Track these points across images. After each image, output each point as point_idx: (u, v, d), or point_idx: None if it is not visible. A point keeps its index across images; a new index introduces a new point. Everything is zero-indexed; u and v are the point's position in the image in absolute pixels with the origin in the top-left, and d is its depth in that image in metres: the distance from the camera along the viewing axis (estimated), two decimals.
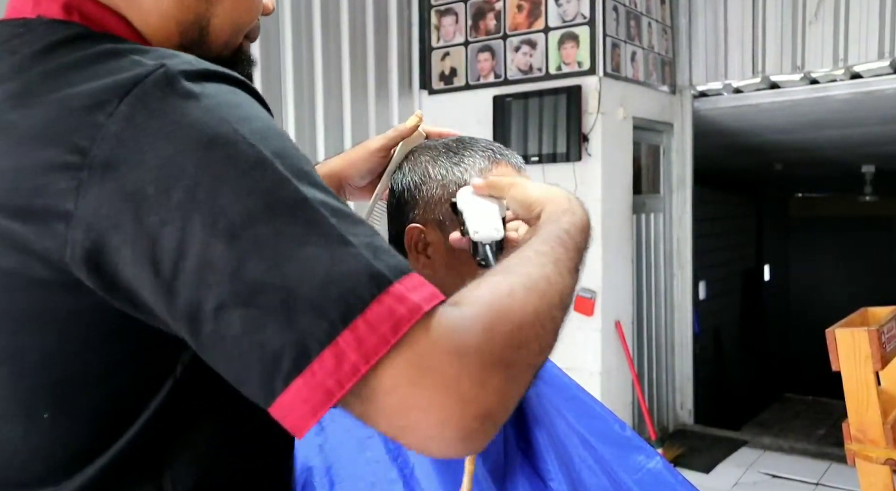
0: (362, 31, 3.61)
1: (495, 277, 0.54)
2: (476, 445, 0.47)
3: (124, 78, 0.49)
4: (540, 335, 0.52)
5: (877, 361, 1.50)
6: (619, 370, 3.64)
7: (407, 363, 0.45)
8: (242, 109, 0.50)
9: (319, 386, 0.44)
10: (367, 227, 0.50)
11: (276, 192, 0.47)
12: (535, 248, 0.61)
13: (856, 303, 2.01)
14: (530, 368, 0.51)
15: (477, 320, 0.48)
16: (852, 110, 4.16)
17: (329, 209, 0.48)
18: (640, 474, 0.91)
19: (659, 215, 4.24)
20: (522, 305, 0.51)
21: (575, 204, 0.71)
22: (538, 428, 0.86)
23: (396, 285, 0.46)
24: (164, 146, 0.47)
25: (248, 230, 0.46)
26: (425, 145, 0.91)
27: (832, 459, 3.67)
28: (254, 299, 0.45)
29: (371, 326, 0.45)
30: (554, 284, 0.56)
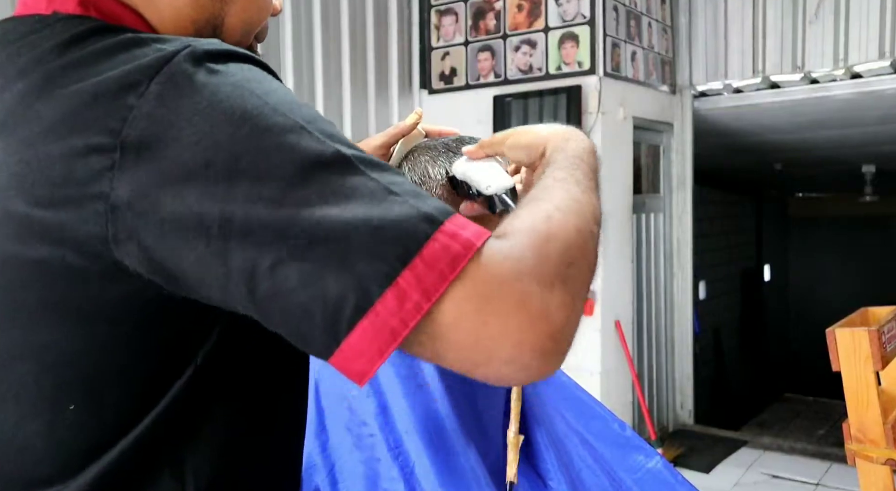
0: (362, 31, 3.61)
1: (529, 206, 0.54)
2: (553, 364, 0.49)
3: (152, 59, 0.49)
4: (585, 250, 0.53)
5: (877, 360, 1.50)
6: (619, 370, 3.64)
7: (469, 295, 0.46)
8: (267, 84, 0.51)
9: (384, 326, 0.45)
10: (408, 180, 0.51)
11: (315, 152, 0.48)
12: (553, 176, 0.61)
13: (856, 303, 2.01)
14: (585, 282, 0.52)
15: (526, 246, 0.48)
16: (852, 110, 4.16)
17: (368, 164, 0.49)
18: (639, 474, 0.91)
19: (659, 215, 4.25)
20: (564, 225, 0.52)
21: (575, 131, 0.71)
22: (538, 428, 0.86)
23: (447, 224, 0.47)
24: (198, 122, 0.47)
25: (293, 191, 0.46)
26: (425, 145, 0.91)
27: (832, 459, 3.67)
28: (309, 252, 0.45)
29: (429, 264, 0.45)
30: (583, 202, 0.57)
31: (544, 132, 0.72)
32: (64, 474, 0.53)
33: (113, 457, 0.53)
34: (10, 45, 0.55)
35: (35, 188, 0.49)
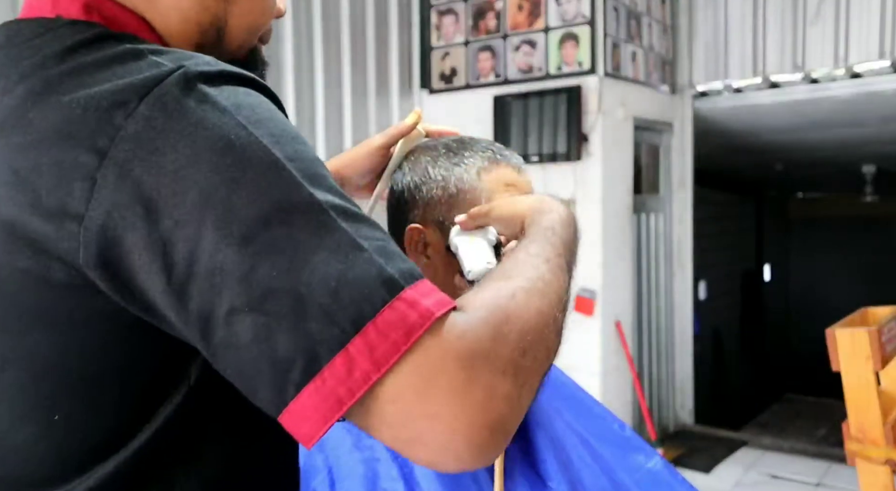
0: (362, 31, 3.62)
1: (495, 282, 0.53)
2: (488, 456, 0.46)
3: (144, 78, 0.49)
4: (545, 337, 0.51)
5: (877, 361, 1.50)
6: (619, 370, 3.64)
7: (415, 371, 0.44)
8: (259, 112, 0.50)
9: (330, 394, 0.44)
10: (380, 230, 0.50)
11: (290, 196, 0.47)
12: (525, 250, 0.60)
13: (856, 303, 2.01)
14: (538, 372, 0.50)
15: (485, 325, 0.47)
16: (853, 110, 4.16)
17: (342, 213, 0.48)
18: (639, 474, 0.91)
19: (659, 215, 4.25)
20: (526, 308, 0.50)
21: (552, 203, 0.71)
22: (537, 428, 0.86)
23: (408, 290, 0.46)
24: (181, 149, 0.47)
25: (260, 235, 0.46)
26: (425, 145, 0.91)
27: (833, 459, 3.67)
28: (264, 305, 0.45)
29: (382, 333, 0.44)
30: (550, 283, 0.55)
31: (523, 204, 0.72)
32: (51, 480, 0.53)
33: (102, 474, 0.52)
34: (13, 48, 0.55)
35: (24, 196, 0.49)
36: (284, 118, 0.53)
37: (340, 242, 0.46)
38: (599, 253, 3.48)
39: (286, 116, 0.55)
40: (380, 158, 0.93)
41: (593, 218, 3.47)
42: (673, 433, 4.25)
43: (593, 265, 3.49)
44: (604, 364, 3.52)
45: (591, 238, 3.49)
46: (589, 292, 3.49)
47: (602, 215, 3.47)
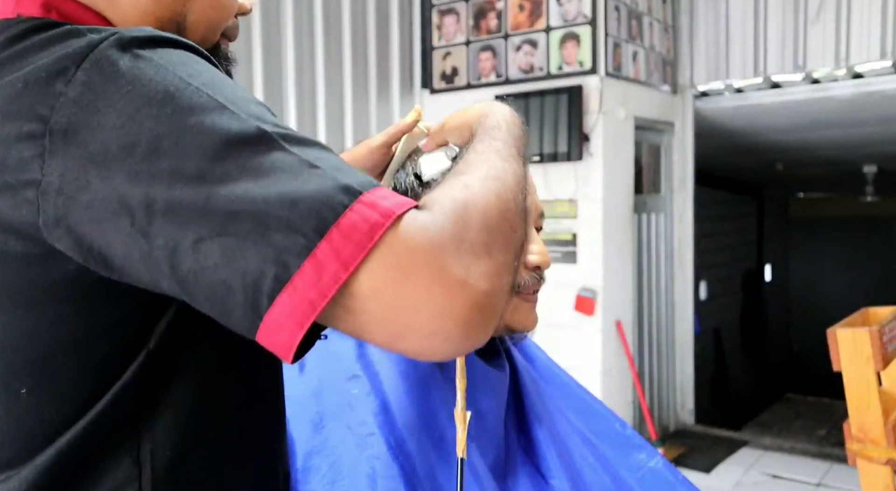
0: (364, 31, 3.62)
1: (449, 179, 0.55)
2: (478, 336, 0.47)
3: (79, 46, 0.51)
4: (507, 215, 0.52)
5: (878, 361, 1.50)
6: (619, 370, 3.64)
7: (387, 265, 0.45)
8: (193, 67, 0.52)
9: (302, 298, 0.45)
10: (334, 155, 0.51)
11: (235, 130, 0.48)
12: (474, 149, 0.63)
13: (857, 303, 2.02)
14: (507, 248, 0.51)
15: (446, 214, 0.48)
16: (854, 110, 4.16)
17: (291, 139, 0.50)
18: (641, 473, 0.91)
19: (660, 215, 4.25)
20: (483, 192, 0.52)
21: (496, 105, 0.74)
22: (539, 426, 0.86)
23: (367, 194, 0.47)
24: (122, 106, 0.48)
25: (213, 169, 0.47)
26: None
27: (833, 459, 3.67)
28: (229, 228, 0.46)
29: (346, 235, 0.45)
30: (503, 169, 0.57)
31: (470, 112, 0.75)
32: (22, 456, 0.54)
33: (68, 439, 0.54)
34: None
35: None
36: (220, 73, 0.54)
37: (294, 164, 0.48)
38: (600, 253, 3.48)
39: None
40: (381, 157, 0.93)
41: (594, 218, 3.47)
42: (673, 433, 4.25)
43: (594, 265, 3.49)
44: (604, 364, 3.52)
45: (591, 238, 3.49)
46: (590, 292, 3.49)
47: (603, 215, 3.47)
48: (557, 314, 3.49)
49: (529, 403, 0.88)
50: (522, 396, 0.89)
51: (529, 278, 0.86)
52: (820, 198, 8.77)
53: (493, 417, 0.84)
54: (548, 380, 0.97)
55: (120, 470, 0.55)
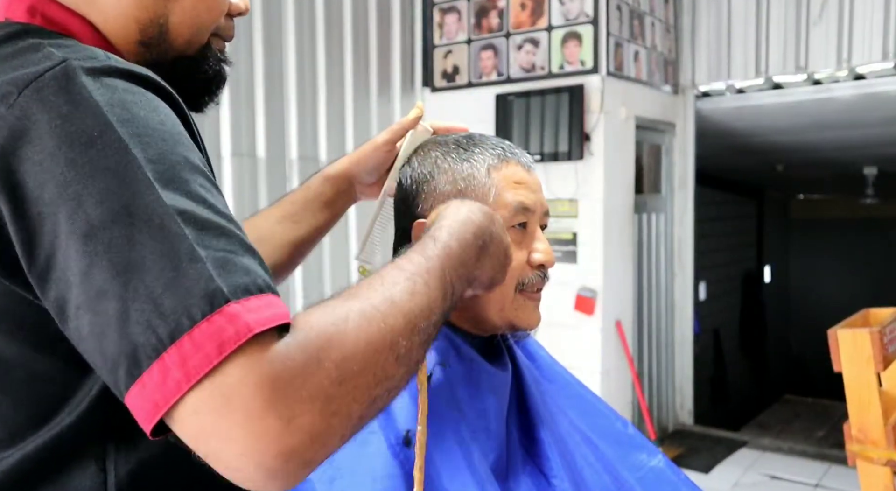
0: (365, 29, 3.61)
1: (336, 300, 0.52)
2: (283, 481, 0.46)
3: (27, 72, 0.51)
4: (374, 364, 0.50)
5: (878, 362, 1.50)
6: (619, 370, 3.64)
7: (217, 389, 0.44)
8: (133, 110, 0.52)
9: (149, 398, 0.45)
10: (233, 240, 0.50)
11: (136, 198, 0.48)
12: (394, 264, 0.59)
13: (856, 305, 2.01)
14: (357, 399, 0.49)
15: (300, 351, 0.47)
16: (855, 111, 4.16)
17: (189, 220, 0.49)
18: (642, 472, 0.91)
19: (660, 215, 4.24)
20: (356, 333, 0.49)
21: (456, 208, 0.70)
22: (541, 425, 0.86)
23: (233, 305, 0.46)
24: (46, 141, 0.49)
25: (101, 233, 0.47)
26: (435, 141, 0.91)
27: (832, 460, 3.67)
28: (98, 305, 0.47)
29: (196, 345, 0.45)
30: (399, 304, 0.53)
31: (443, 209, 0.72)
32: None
33: (35, 444, 0.55)
34: None
35: None
36: (165, 118, 0.54)
37: (177, 250, 0.47)
38: (600, 253, 3.47)
39: (184, 116, 0.57)
40: (385, 154, 0.93)
41: (595, 217, 3.47)
42: (672, 433, 4.25)
43: (594, 265, 3.49)
44: (604, 364, 3.52)
45: (592, 237, 3.49)
46: (590, 292, 3.49)
47: (603, 215, 3.47)
48: (557, 314, 3.49)
49: (531, 402, 0.88)
50: (525, 395, 0.88)
51: (534, 276, 0.85)
52: (820, 199, 8.77)
53: (496, 416, 0.83)
54: (550, 379, 0.97)
55: (86, 476, 0.55)
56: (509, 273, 0.81)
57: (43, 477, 0.55)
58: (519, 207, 0.84)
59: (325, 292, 3.37)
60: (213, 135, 2.94)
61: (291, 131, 3.26)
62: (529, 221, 0.86)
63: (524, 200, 0.85)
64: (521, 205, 0.84)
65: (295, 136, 3.26)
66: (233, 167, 3.00)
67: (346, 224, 3.49)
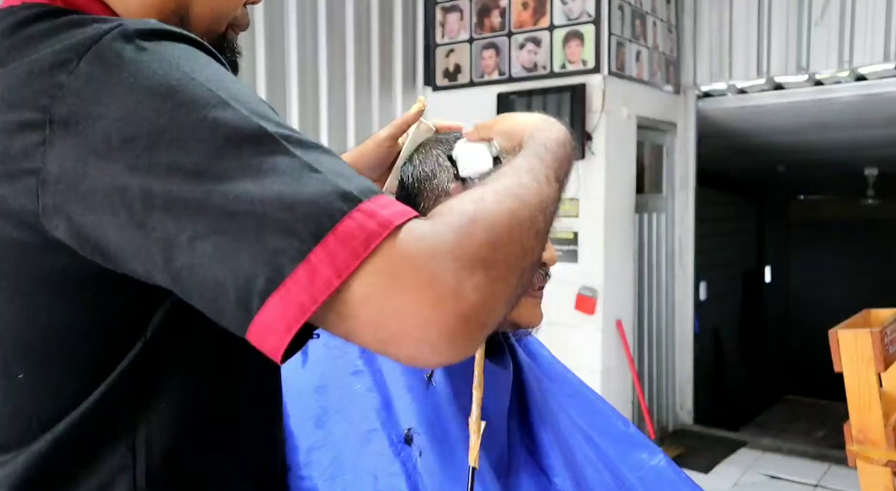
0: (367, 28, 3.61)
1: (472, 191, 0.54)
2: (465, 345, 0.47)
3: (83, 37, 0.51)
4: (518, 235, 0.51)
5: (879, 362, 1.49)
6: (619, 369, 3.64)
7: (379, 273, 0.45)
8: (196, 61, 0.52)
9: (293, 302, 0.45)
10: (337, 158, 0.51)
11: (237, 128, 0.48)
12: (512, 163, 0.61)
13: (857, 305, 2.01)
14: (512, 267, 0.50)
15: (449, 226, 0.48)
16: (856, 112, 4.16)
17: (293, 141, 0.49)
18: (643, 471, 0.91)
19: (661, 215, 4.24)
20: (496, 207, 0.51)
21: (552, 123, 0.72)
22: (542, 424, 0.86)
23: (367, 203, 0.47)
24: (123, 97, 0.48)
25: (212, 167, 0.47)
26: (436, 139, 0.91)
27: (832, 460, 3.67)
28: (224, 226, 0.46)
29: (342, 242, 0.45)
30: (529, 187, 0.56)
31: (524, 121, 0.74)
32: (20, 441, 0.55)
33: (66, 426, 0.54)
34: None
35: None
36: (224, 69, 0.54)
37: (294, 166, 0.48)
38: (601, 252, 3.47)
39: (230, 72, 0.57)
40: (387, 150, 0.94)
41: (596, 217, 3.47)
42: (672, 433, 4.25)
43: (595, 264, 3.49)
44: (604, 363, 3.52)
45: (593, 237, 3.49)
46: (590, 291, 3.49)
47: (604, 214, 3.47)
48: (558, 313, 3.49)
49: (532, 400, 0.88)
50: (526, 393, 0.89)
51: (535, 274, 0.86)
52: (821, 200, 8.77)
53: (497, 414, 0.84)
54: (551, 377, 0.97)
55: (115, 457, 0.55)
56: None
57: (74, 459, 0.55)
58: None
59: None
60: None
61: None
62: None
63: None
64: None
65: None
66: None
67: None
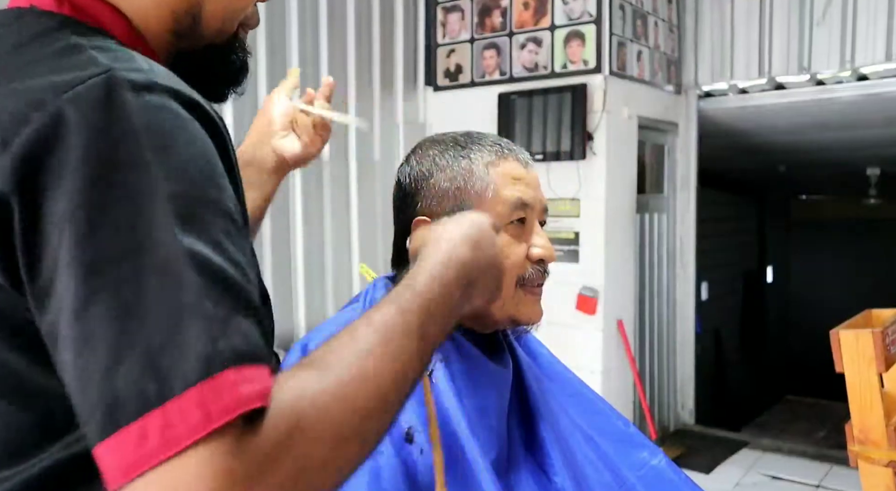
0: (368, 27, 3.61)
1: (309, 371, 0.49)
2: None
3: (66, 79, 0.49)
4: (341, 449, 0.48)
5: (880, 362, 1.49)
6: (620, 369, 3.64)
7: (173, 475, 0.42)
8: (169, 138, 0.49)
9: (122, 457, 0.43)
10: (240, 298, 0.47)
11: (151, 236, 0.46)
12: (368, 323, 0.54)
13: (858, 305, 2.01)
14: (322, 479, 0.47)
15: (267, 440, 0.44)
16: (858, 112, 4.15)
17: (203, 268, 0.46)
18: (643, 471, 0.91)
19: (662, 215, 4.24)
20: (321, 422, 0.47)
21: (433, 244, 0.63)
22: (542, 423, 0.86)
23: (228, 372, 0.44)
24: (73, 156, 0.46)
25: (108, 268, 0.45)
26: (433, 138, 0.92)
27: (833, 461, 3.67)
28: (89, 346, 0.44)
29: (182, 413, 0.42)
30: (372, 370, 0.51)
31: (430, 234, 0.66)
32: (8, 464, 0.53)
33: (50, 455, 0.52)
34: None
35: None
36: (203, 151, 0.51)
37: (181, 302, 0.45)
38: (602, 252, 3.47)
39: (223, 143, 0.54)
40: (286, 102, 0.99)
41: (597, 217, 3.47)
42: (673, 433, 4.25)
43: (596, 264, 3.49)
44: (605, 363, 3.52)
45: (594, 237, 3.49)
46: (591, 291, 3.49)
47: (605, 214, 3.47)
48: (559, 313, 3.49)
49: (532, 399, 0.88)
50: (525, 392, 0.89)
51: (534, 271, 0.86)
52: (822, 200, 8.76)
53: (496, 413, 0.84)
54: (551, 376, 0.97)
55: None
56: (509, 269, 0.82)
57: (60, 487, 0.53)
58: (517, 203, 0.85)
59: (327, 295, 3.37)
60: None
61: None
62: (528, 217, 0.86)
63: (522, 196, 0.85)
64: (519, 200, 0.85)
65: None
66: None
67: (348, 227, 3.49)
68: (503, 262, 0.68)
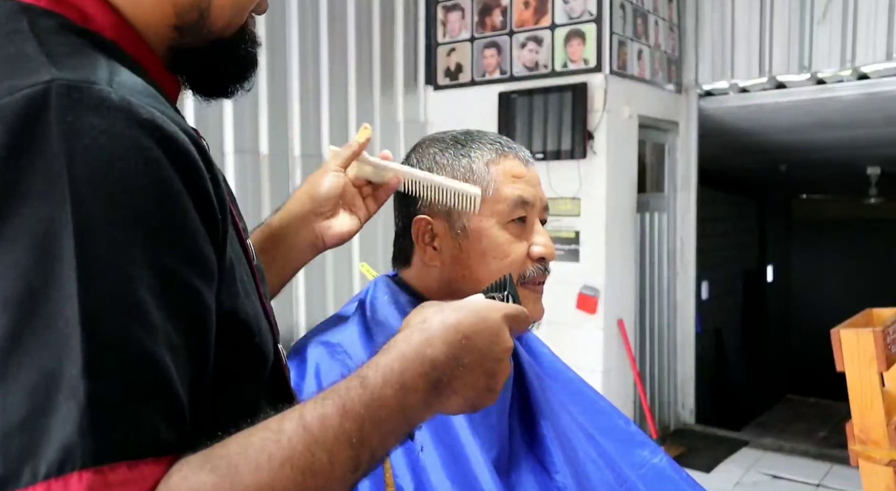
0: (368, 26, 3.61)
1: (210, 476, 0.42)
2: None
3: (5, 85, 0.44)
4: None
5: (881, 362, 1.49)
6: (620, 369, 3.64)
7: None
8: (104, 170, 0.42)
9: None
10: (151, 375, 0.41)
11: (47, 287, 0.40)
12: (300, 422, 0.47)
13: (859, 305, 2.00)
14: None
15: None
16: (859, 111, 4.15)
17: (98, 336, 0.40)
18: (644, 470, 0.91)
19: (663, 214, 4.24)
20: None
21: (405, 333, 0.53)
22: (543, 421, 0.86)
23: (87, 473, 0.38)
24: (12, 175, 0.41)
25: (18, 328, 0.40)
26: (433, 137, 0.92)
27: (833, 460, 3.67)
28: None
29: None
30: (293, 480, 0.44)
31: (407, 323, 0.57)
32: None
33: None
34: None
35: None
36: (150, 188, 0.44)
37: (60, 373, 0.39)
38: (602, 251, 3.47)
39: (201, 183, 0.47)
40: (335, 179, 0.86)
41: (597, 216, 3.47)
42: (673, 432, 4.25)
43: (596, 263, 3.49)
44: (606, 362, 3.52)
45: (594, 236, 3.49)
46: (592, 290, 3.49)
47: (606, 214, 3.46)
48: (559, 312, 3.49)
49: (534, 398, 0.88)
50: (527, 391, 0.89)
51: (534, 269, 0.86)
52: (823, 199, 8.76)
53: (498, 412, 0.84)
54: (552, 375, 0.97)
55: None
56: (510, 267, 0.82)
57: None
58: (517, 201, 0.85)
59: (327, 294, 3.37)
60: (216, 131, 2.94)
61: (294, 128, 3.26)
62: (528, 215, 0.86)
63: (522, 194, 0.85)
64: (519, 198, 0.85)
65: (298, 133, 3.26)
66: (235, 164, 3.00)
67: None
68: (504, 360, 0.56)
